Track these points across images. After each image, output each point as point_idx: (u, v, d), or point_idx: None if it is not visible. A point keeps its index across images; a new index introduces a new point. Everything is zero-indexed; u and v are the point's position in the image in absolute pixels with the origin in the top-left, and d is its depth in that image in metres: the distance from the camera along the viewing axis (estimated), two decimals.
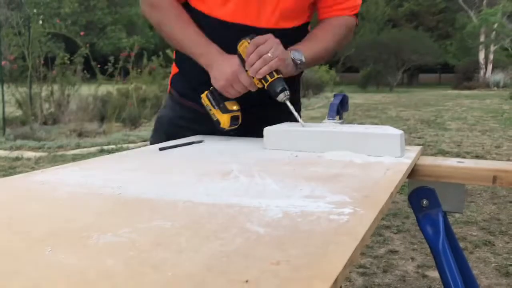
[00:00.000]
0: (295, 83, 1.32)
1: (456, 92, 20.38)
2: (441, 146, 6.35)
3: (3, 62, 7.39)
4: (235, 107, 1.18)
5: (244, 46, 1.12)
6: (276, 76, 1.10)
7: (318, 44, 1.24)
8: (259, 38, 1.10)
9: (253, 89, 1.15)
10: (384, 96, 17.81)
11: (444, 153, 5.79)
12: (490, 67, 25.18)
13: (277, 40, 1.11)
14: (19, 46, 7.82)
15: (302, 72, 1.36)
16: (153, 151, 1.05)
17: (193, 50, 1.21)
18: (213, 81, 1.17)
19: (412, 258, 2.71)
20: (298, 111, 1.37)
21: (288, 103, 1.11)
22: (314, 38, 1.25)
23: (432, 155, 5.32)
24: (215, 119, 1.19)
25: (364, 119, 9.31)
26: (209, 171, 0.81)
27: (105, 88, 8.38)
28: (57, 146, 6.14)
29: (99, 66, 8.33)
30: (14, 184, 0.75)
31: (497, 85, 21.87)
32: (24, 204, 0.64)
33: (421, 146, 1.06)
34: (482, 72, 25.12)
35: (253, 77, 1.12)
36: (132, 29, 34.67)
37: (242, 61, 1.12)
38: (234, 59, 1.15)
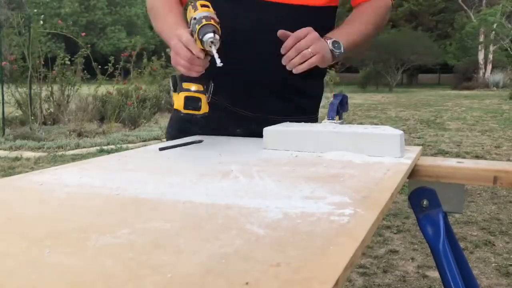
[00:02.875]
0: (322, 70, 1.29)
1: (455, 92, 20.38)
2: (440, 146, 6.35)
3: (3, 63, 7.38)
4: (193, 87, 1.05)
5: (188, 9, 1.04)
6: (206, 22, 0.97)
7: (358, 28, 1.20)
8: (299, 32, 1.06)
9: (188, 45, 1.00)
10: (383, 96, 17.81)
11: (444, 153, 5.79)
12: (489, 67, 25.18)
13: (317, 35, 1.07)
14: (19, 46, 7.82)
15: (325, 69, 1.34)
16: (152, 151, 1.05)
17: (164, 36, 1.15)
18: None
19: (413, 258, 2.71)
20: (318, 102, 1.35)
21: (215, 52, 0.97)
22: (353, 22, 1.22)
23: (432, 155, 5.33)
24: (173, 103, 1.07)
25: (364, 119, 9.31)
26: (208, 171, 0.81)
27: (105, 89, 8.38)
28: (56, 146, 6.14)
29: (99, 66, 8.32)
30: (13, 185, 0.74)
31: (496, 85, 21.87)
32: (23, 204, 0.63)
33: (420, 147, 1.06)
34: (481, 72, 25.12)
35: (190, 31, 1.01)
36: (132, 29, 34.67)
37: (189, 24, 1.02)
38: (181, 27, 1.06)
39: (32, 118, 7.61)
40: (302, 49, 1.05)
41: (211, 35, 0.96)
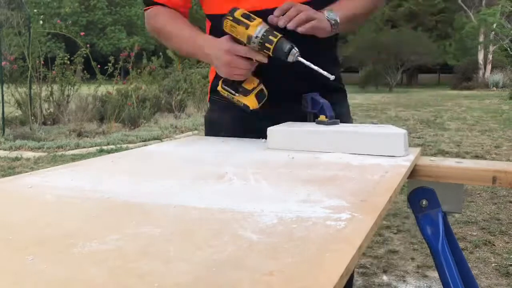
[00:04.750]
0: (333, 56, 1.27)
1: (455, 92, 20.37)
2: (440, 146, 6.34)
3: (3, 63, 7.37)
4: (254, 83, 1.12)
5: (229, 24, 1.06)
6: (278, 36, 1.02)
7: (355, 3, 1.18)
8: (281, 6, 1.05)
9: (254, 57, 1.06)
10: (383, 96, 17.80)
11: (443, 153, 5.77)
12: (489, 67, 25.16)
13: (305, 6, 1.06)
14: (19, 46, 7.81)
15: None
16: (146, 153, 1.03)
17: (190, 50, 1.18)
18: (217, 71, 1.13)
19: (412, 258, 2.69)
20: (345, 98, 1.31)
21: (302, 60, 1.03)
22: None
23: (431, 155, 5.31)
24: (242, 105, 1.13)
25: (364, 119, 9.29)
26: (203, 174, 0.79)
27: (105, 89, 8.37)
28: (56, 146, 6.12)
29: (99, 66, 8.31)
30: (1, 188, 0.72)
31: (496, 85, 21.85)
32: (9, 209, 0.62)
33: (419, 147, 1.05)
34: (481, 73, 25.10)
35: (254, 46, 1.04)
36: (132, 29, 34.67)
37: (235, 40, 1.06)
38: (221, 40, 1.08)
39: (32, 118, 7.60)
40: (302, 10, 1.04)
41: (295, 50, 1.02)
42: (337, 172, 0.81)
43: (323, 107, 1.10)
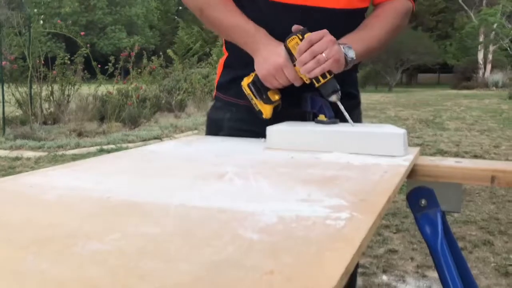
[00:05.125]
0: (352, 76, 1.28)
1: (455, 92, 20.37)
2: (439, 146, 6.34)
3: (3, 62, 7.37)
4: (277, 97, 1.15)
5: (294, 42, 1.06)
6: (329, 77, 1.05)
7: (370, 34, 1.16)
8: (313, 35, 1.04)
9: (297, 84, 1.09)
10: (383, 96, 17.80)
11: (442, 153, 5.78)
12: (489, 67, 25.18)
13: (333, 38, 1.04)
14: (19, 46, 7.81)
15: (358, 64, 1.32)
16: (146, 153, 1.03)
17: (240, 37, 1.16)
18: (256, 68, 1.13)
19: (412, 258, 2.70)
20: (358, 104, 1.33)
21: (339, 103, 1.07)
22: (366, 28, 1.17)
23: (430, 155, 5.31)
24: (257, 109, 1.16)
25: (363, 119, 9.26)
26: (203, 173, 0.80)
27: (105, 88, 8.37)
28: (57, 146, 6.13)
29: (99, 66, 8.31)
30: (2, 187, 0.73)
31: (495, 85, 21.86)
32: (10, 208, 0.62)
33: (419, 147, 1.06)
34: (481, 72, 25.12)
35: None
36: (132, 29, 34.68)
37: (291, 55, 1.08)
38: (281, 49, 1.09)
39: (33, 117, 7.61)
40: (317, 53, 1.03)
41: (339, 94, 1.07)
42: (337, 172, 0.81)
43: (322, 107, 1.11)
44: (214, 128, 1.30)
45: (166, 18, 39.77)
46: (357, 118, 1.29)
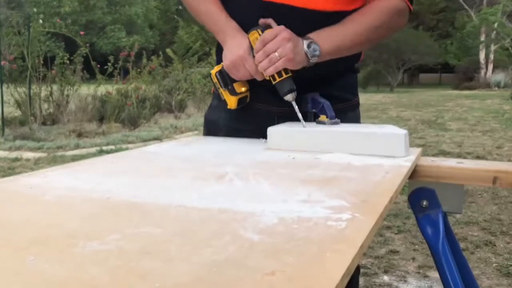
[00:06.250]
0: (345, 78, 1.25)
1: (456, 92, 20.36)
2: (441, 146, 6.34)
3: (2, 62, 7.37)
4: (243, 89, 1.16)
5: (254, 37, 1.07)
6: (284, 75, 1.06)
7: (346, 30, 1.10)
8: (267, 35, 1.04)
9: (259, 79, 1.10)
10: (384, 96, 17.80)
11: (445, 154, 5.77)
12: (490, 67, 25.16)
13: (287, 36, 1.03)
14: (18, 45, 7.80)
15: (357, 71, 1.30)
16: (146, 153, 1.03)
17: (212, 26, 1.19)
18: (223, 58, 1.14)
19: (413, 259, 2.69)
20: (354, 107, 1.31)
21: (294, 104, 1.07)
22: (342, 24, 1.11)
23: (433, 155, 5.31)
24: (222, 98, 1.18)
25: (365, 120, 9.23)
26: (203, 174, 0.79)
27: (105, 88, 8.36)
28: (56, 147, 6.13)
29: (98, 66, 8.31)
30: (1, 188, 0.72)
31: (497, 85, 21.84)
32: (9, 209, 0.61)
33: (420, 148, 1.05)
34: (482, 72, 25.10)
35: None
36: (131, 28, 34.67)
37: (252, 49, 1.08)
38: (245, 42, 1.09)
39: (32, 118, 7.60)
40: (269, 52, 1.03)
41: (294, 94, 1.07)
42: (338, 173, 0.81)
43: (324, 107, 1.10)
44: (211, 128, 1.30)
45: (165, 17, 39.75)
46: (354, 122, 1.27)
